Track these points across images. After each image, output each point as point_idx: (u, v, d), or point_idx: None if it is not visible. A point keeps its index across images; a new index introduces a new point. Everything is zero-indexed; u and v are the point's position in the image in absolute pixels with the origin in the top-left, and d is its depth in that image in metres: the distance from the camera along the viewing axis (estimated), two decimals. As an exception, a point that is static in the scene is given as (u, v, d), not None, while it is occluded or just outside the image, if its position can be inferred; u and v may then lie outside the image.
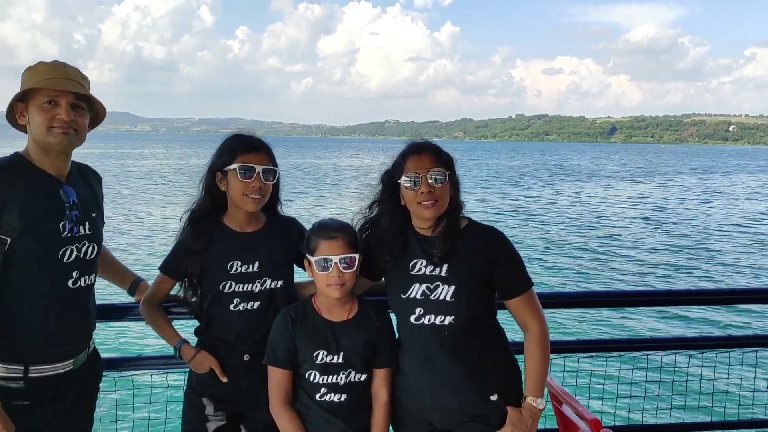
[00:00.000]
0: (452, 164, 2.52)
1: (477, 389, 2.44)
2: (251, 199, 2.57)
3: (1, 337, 2.32)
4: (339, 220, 2.59)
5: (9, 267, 2.30)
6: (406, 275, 2.49)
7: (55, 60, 2.46)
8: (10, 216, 2.26)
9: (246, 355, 2.63)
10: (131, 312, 2.94)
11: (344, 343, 2.52)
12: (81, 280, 2.45)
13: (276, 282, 2.65)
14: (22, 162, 2.40)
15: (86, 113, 2.45)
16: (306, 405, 2.52)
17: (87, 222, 2.48)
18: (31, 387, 2.35)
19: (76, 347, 2.49)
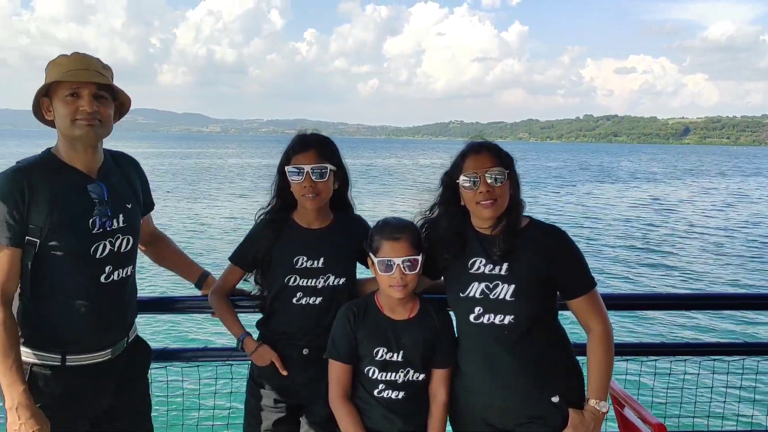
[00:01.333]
0: (512, 163, 2.51)
1: (538, 390, 2.42)
2: (307, 198, 2.62)
3: (37, 328, 2.39)
4: (403, 220, 2.60)
5: (41, 264, 2.35)
6: (465, 274, 2.49)
7: (76, 51, 2.44)
8: (38, 217, 2.31)
9: (306, 349, 2.68)
10: (180, 304, 3.07)
11: (405, 342, 2.53)
12: (114, 274, 2.47)
13: (339, 279, 2.69)
14: (51, 159, 2.43)
15: (110, 103, 2.43)
16: (364, 400, 2.55)
17: (121, 215, 2.49)
18: (68, 375, 2.41)
19: (112, 338, 2.52)
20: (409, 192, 39.24)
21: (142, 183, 2.73)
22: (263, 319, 2.81)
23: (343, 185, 2.77)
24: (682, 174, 71.96)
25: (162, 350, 3.05)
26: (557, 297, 2.52)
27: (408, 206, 28.88)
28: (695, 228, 26.93)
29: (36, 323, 2.39)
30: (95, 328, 2.43)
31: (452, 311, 2.62)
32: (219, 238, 21.37)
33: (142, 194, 2.72)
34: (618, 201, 38.37)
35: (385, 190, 42.92)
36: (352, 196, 2.86)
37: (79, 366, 2.43)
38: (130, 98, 2.53)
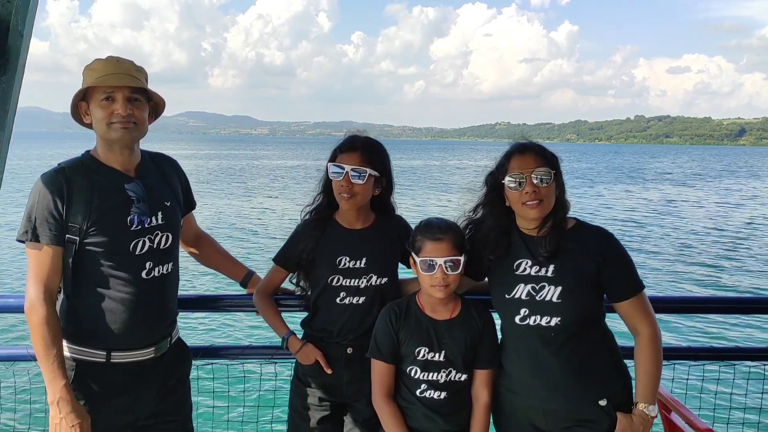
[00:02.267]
0: (557, 164, 2.49)
1: (585, 393, 2.40)
2: (342, 198, 2.64)
3: (81, 324, 2.46)
4: (446, 220, 2.60)
5: (82, 262, 2.42)
6: (511, 275, 2.48)
7: (110, 55, 2.48)
8: (78, 216, 2.37)
9: (349, 348, 2.70)
10: (223, 302, 3.13)
11: (446, 342, 2.54)
12: (155, 270, 2.52)
13: (381, 279, 2.71)
14: (89, 160, 2.50)
15: (144, 105, 2.49)
16: (407, 399, 2.56)
17: (159, 212, 2.54)
18: (113, 373, 2.47)
19: (156, 335, 2.57)
20: (450, 192, 39.12)
21: (181, 182, 2.78)
22: (307, 318, 2.84)
23: (386, 190, 2.78)
24: (719, 175, 69.97)
25: (208, 347, 3.12)
26: (604, 299, 2.48)
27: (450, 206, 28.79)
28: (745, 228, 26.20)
29: (80, 319, 2.46)
30: (138, 323, 2.48)
31: (496, 312, 2.61)
32: (265, 238, 21.65)
33: (183, 193, 2.77)
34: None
35: (426, 190, 42.90)
36: (394, 200, 2.86)
37: (124, 363, 2.49)
38: (164, 100, 2.59)
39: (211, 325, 10.02)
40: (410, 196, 35.63)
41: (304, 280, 2.85)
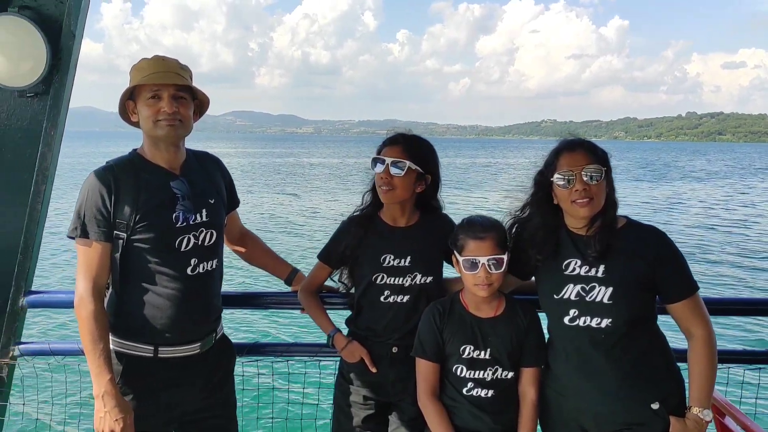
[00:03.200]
0: (608, 161, 2.42)
1: (637, 396, 2.34)
2: (381, 190, 2.64)
3: (129, 319, 2.50)
4: (489, 218, 2.57)
5: (130, 258, 2.46)
6: (560, 275, 2.43)
7: (156, 54, 2.54)
8: (124, 213, 2.42)
9: (394, 347, 2.69)
10: (267, 299, 3.17)
11: (491, 340, 2.51)
12: (200, 266, 2.55)
13: (426, 278, 2.69)
14: (136, 159, 2.55)
15: (189, 103, 2.52)
16: (453, 398, 2.54)
17: (204, 209, 2.57)
18: (160, 367, 2.51)
19: (201, 331, 2.60)
20: (495, 191, 38.90)
21: (225, 181, 2.81)
22: (351, 316, 2.84)
23: (432, 188, 2.75)
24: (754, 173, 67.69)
25: (253, 344, 3.14)
26: (656, 300, 2.42)
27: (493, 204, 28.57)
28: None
29: (128, 315, 2.50)
30: (183, 319, 2.52)
31: (544, 312, 2.57)
32: (309, 235, 21.87)
33: (226, 192, 2.80)
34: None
35: (470, 188, 42.71)
36: (441, 198, 2.84)
37: (171, 358, 2.52)
38: (208, 97, 2.62)
39: (257, 323, 10.17)
40: (455, 195, 35.54)
41: (348, 277, 2.85)
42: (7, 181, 3.00)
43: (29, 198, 2.99)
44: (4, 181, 3.00)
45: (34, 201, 2.99)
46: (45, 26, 2.85)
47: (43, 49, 2.85)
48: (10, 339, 3.08)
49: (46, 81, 2.91)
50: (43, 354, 3.12)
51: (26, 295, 3.08)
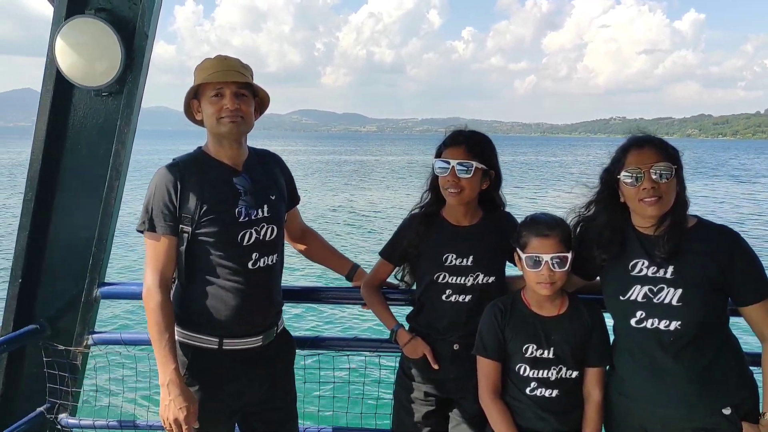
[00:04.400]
0: (678, 158, 2.35)
1: (707, 401, 2.27)
2: (449, 193, 2.61)
3: (194, 311, 2.57)
4: (553, 216, 2.53)
5: (195, 252, 2.53)
6: (626, 276, 2.38)
7: (218, 54, 2.61)
8: (189, 208, 2.49)
9: (456, 345, 2.68)
10: (327, 294, 3.25)
11: (555, 339, 2.47)
12: (261, 261, 2.60)
13: (488, 277, 2.66)
14: (201, 156, 2.62)
15: (250, 100, 2.58)
16: (516, 398, 2.51)
17: (265, 205, 2.62)
18: (224, 359, 2.58)
19: (263, 323, 2.66)
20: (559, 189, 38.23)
21: (285, 178, 2.85)
22: (412, 312, 2.84)
23: (494, 185, 2.73)
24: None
25: (314, 338, 3.18)
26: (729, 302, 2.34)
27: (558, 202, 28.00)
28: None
29: (193, 307, 2.58)
30: (246, 311, 2.57)
31: (609, 313, 2.51)
32: (370, 232, 21.99)
33: (287, 189, 2.84)
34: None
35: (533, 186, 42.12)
36: (503, 195, 2.81)
37: (234, 350, 2.58)
38: (268, 95, 2.67)
39: (317, 318, 10.31)
40: (518, 193, 35.11)
41: (410, 275, 2.86)
42: (82, 176, 3.14)
43: (103, 193, 3.11)
44: (80, 177, 3.15)
45: (107, 196, 3.11)
46: (119, 28, 2.97)
47: (118, 50, 2.96)
48: (85, 328, 3.22)
49: (121, 80, 3.02)
50: (115, 343, 3.26)
51: (99, 286, 3.21)
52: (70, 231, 3.19)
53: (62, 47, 2.94)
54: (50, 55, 2.97)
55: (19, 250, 3.14)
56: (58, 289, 3.24)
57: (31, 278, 3.19)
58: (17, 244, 3.14)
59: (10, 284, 3.17)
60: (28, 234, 3.12)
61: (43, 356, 3.18)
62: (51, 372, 3.19)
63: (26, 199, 3.11)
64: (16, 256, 3.15)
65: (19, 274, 3.15)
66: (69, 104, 3.10)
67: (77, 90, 3.08)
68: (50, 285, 3.24)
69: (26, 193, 3.11)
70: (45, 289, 3.24)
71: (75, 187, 3.16)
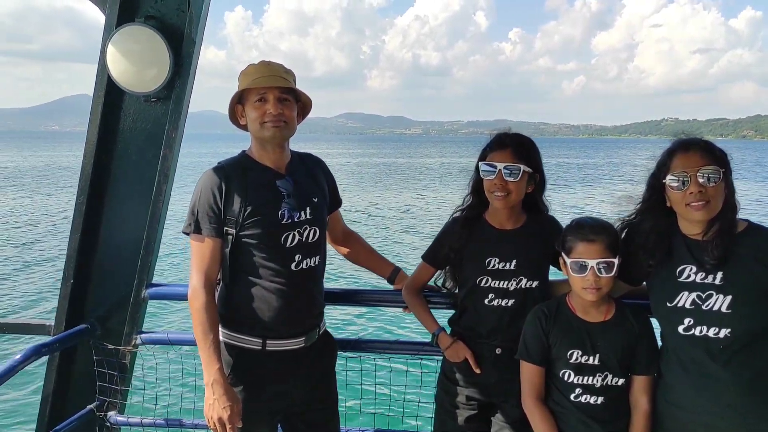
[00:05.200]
0: (727, 161, 2.29)
1: (759, 410, 2.21)
2: (495, 197, 2.59)
3: (238, 312, 2.62)
4: (599, 220, 2.49)
5: (239, 254, 2.58)
6: (673, 282, 2.33)
7: (262, 60, 2.66)
8: (233, 210, 2.53)
9: (498, 349, 2.66)
10: (369, 297, 3.27)
11: (600, 345, 2.44)
12: (303, 262, 2.63)
13: (532, 282, 2.63)
14: (245, 159, 2.67)
15: (293, 105, 2.62)
16: (560, 404, 2.49)
17: (307, 207, 2.66)
18: (267, 360, 2.61)
19: (305, 325, 2.69)
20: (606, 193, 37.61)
21: (328, 181, 2.88)
22: (454, 316, 2.83)
23: (539, 188, 2.70)
24: None
25: (355, 340, 3.20)
26: None
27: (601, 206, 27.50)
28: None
29: (237, 307, 2.62)
30: (288, 313, 2.60)
31: (656, 319, 2.46)
32: (413, 235, 21.95)
33: (329, 192, 2.87)
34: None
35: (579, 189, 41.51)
36: (547, 199, 2.78)
37: (278, 351, 2.62)
38: (311, 99, 2.71)
39: (358, 320, 10.35)
40: (563, 195, 34.65)
41: (452, 278, 2.85)
42: (131, 180, 3.22)
43: (151, 196, 3.18)
44: (129, 180, 3.22)
45: (155, 199, 3.18)
46: (168, 34, 3.03)
47: (166, 57, 3.03)
48: (133, 328, 3.30)
49: (169, 86, 3.09)
50: (162, 343, 3.32)
51: (147, 287, 3.28)
52: (120, 233, 3.28)
53: (113, 54, 3.02)
54: (102, 62, 3.06)
55: (71, 252, 3.23)
56: (108, 290, 3.33)
57: (82, 279, 3.28)
58: (69, 245, 3.24)
59: (63, 285, 3.26)
60: (80, 236, 3.22)
61: (94, 355, 3.27)
62: (101, 370, 3.28)
63: (78, 202, 3.20)
64: (68, 257, 3.25)
65: (71, 274, 3.24)
66: (119, 110, 3.18)
67: (127, 96, 3.15)
68: (100, 286, 3.33)
69: (78, 196, 3.20)
70: (95, 290, 3.33)
71: (124, 190, 3.24)
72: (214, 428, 2.49)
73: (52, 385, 3.35)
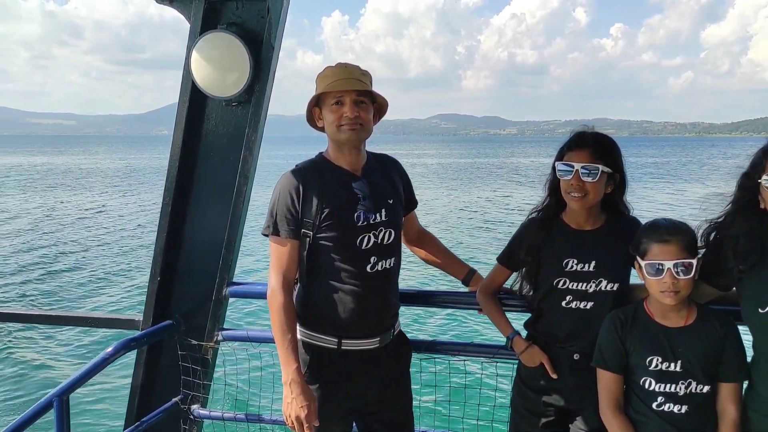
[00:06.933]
0: None
1: None
2: (572, 197, 2.52)
3: (315, 312, 2.66)
4: (674, 221, 2.39)
5: (316, 255, 2.61)
6: (766, 288, 2.21)
7: (339, 62, 2.68)
8: (310, 212, 2.57)
9: (576, 354, 2.60)
10: (443, 298, 3.30)
11: (682, 351, 2.34)
12: (378, 264, 2.64)
13: (612, 285, 2.55)
14: (321, 161, 2.70)
15: (369, 107, 2.63)
16: (641, 412, 2.40)
17: (383, 209, 2.66)
18: (343, 359, 2.64)
19: (380, 326, 2.70)
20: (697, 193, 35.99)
21: (403, 182, 2.88)
22: (531, 319, 2.78)
23: (619, 189, 2.62)
24: None
25: (430, 342, 3.19)
26: None
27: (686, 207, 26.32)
28: None
29: (314, 308, 2.67)
30: (363, 314, 2.63)
31: (747, 327, 2.34)
32: (488, 236, 21.69)
33: (404, 192, 2.87)
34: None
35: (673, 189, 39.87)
36: (628, 200, 2.69)
37: (353, 351, 2.65)
38: (387, 101, 2.71)
39: (432, 321, 10.30)
40: (653, 196, 33.35)
41: (527, 280, 2.79)
42: (214, 182, 3.34)
43: (233, 197, 3.28)
44: (211, 182, 3.34)
45: (236, 200, 3.28)
46: (248, 40, 3.13)
47: (247, 61, 3.12)
48: (215, 325, 3.41)
49: (249, 90, 3.18)
50: (242, 340, 3.41)
51: (228, 285, 3.39)
52: (203, 233, 3.40)
53: (197, 60, 3.14)
54: (186, 68, 3.19)
55: (158, 251, 3.38)
56: (192, 288, 3.45)
57: (168, 277, 3.42)
58: (156, 245, 3.38)
59: (150, 282, 3.41)
60: (166, 235, 3.36)
61: (178, 350, 3.40)
62: (185, 365, 3.40)
63: (164, 203, 3.35)
64: (155, 256, 3.40)
65: (157, 272, 3.39)
66: (203, 114, 3.30)
67: (210, 100, 3.27)
68: (184, 283, 3.46)
69: (164, 197, 3.34)
70: (180, 288, 3.46)
71: (207, 192, 3.36)
72: (291, 426, 2.55)
73: (140, 378, 3.51)
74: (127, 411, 3.55)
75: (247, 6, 3.16)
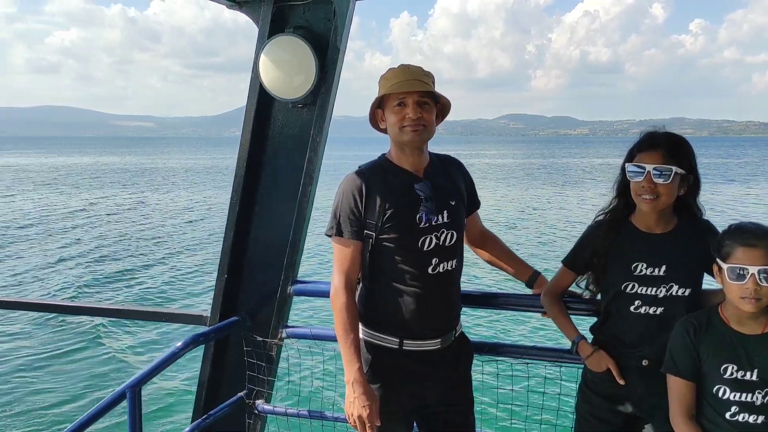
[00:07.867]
0: None
1: None
2: (643, 200, 2.47)
3: (377, 312, 2.68)
4: (761, 225, 2.29)
5: (377, 255, 2.63)
6: None
7: (402, 63, 2.67)
8: (373, 214, 2.58)
9: (645, 360, 2.54)
10: (506, 300, 3.24)
11: (759, 360, 2.25)
12: (440, 266, 2.63)
13: (684, 290, 2.48)
14: (384, 163, 2.71)
15: (432, 108, 2.62)
16: (714, 422, 2.32)
17: (445, 211, 2.65)
18: (404, 359, 2.65)
19: (441, 327, 2.69)
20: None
21: (466, 183, 2.87)
22: (597, 323, 2.73)
23: (692, 191, 2.54)
24: None
25: (492, 344, 3.16)
26: None
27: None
28: None
29: (376, 308, 2.69)
30: (425, 315, 2.63)
31: None
32: (555, 239, 21.31)
33: (467, 194, 2.86)
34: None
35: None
36: (701, 203, 2.60)
37: (414, 351, 2.66)
38: (449, 101, 2.71)
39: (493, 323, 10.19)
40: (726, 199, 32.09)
41: (594, 284, 2.74)
42: (279, 182, 3.40)
43: (297, 198, 3.34)
44: (277, 182, 3.41)
45: (301, 200, 3.34)
46: (315, 43, 3.18)
47: (313, 64, 3.17)
48: (280, 322, 3.47)
49: (314, 92, 3.23)
50: (306, 337, 3.46)
51: (293, 283, 3.45)
52: (269, 232, 3.46)
53: (265, 63, 3.21)
54: (255, 71, 3.26)
55: (226, 249, 3.47)
56: (257, 285, 3.52)
57: (235, 274, 3.50)
58: (224, 243, 3.47)
59: (218, 279, 3.50)
60: (233, 234, 3.44)
61: (244, 346, 3.47)
62: (250, 361, 3.47)
63: (232, 203, 3.43)
64: (222, 253, 3.48)
65: (225, 269, 3.47)
66: (270, 116, 3.37)
67: (276, 102, 3.34)
68: (250, 281, 3.53)
69: (232, 197, 3.42)
70: (246, 285, 3.53)
71: (273, 192, 3.43)
72: (354, 425, 2.58)
73: (207, 372, 3.60)
74: (194, 404, 3.65)
75: (314, 9, 3.21)
